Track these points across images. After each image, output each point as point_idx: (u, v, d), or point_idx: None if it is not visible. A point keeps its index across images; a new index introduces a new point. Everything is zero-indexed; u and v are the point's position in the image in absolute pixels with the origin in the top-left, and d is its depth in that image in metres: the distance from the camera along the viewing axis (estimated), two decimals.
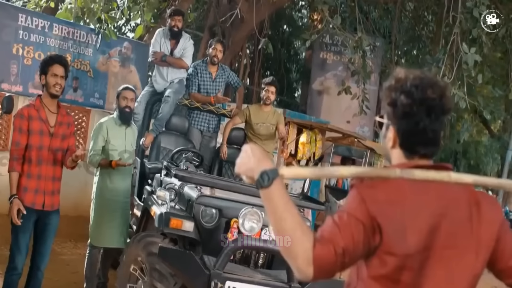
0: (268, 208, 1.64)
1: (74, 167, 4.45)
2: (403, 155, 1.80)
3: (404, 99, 1.75)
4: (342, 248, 1.60)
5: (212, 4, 11.59)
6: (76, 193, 7.10)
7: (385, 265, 1.67)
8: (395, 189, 1.69)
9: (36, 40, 7.38)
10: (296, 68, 18.31)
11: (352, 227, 1.63)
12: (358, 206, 1.66)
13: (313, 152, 10.28)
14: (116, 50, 8.34)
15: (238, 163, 1.71)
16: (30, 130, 4.23)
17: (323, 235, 1.62)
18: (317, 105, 14.24)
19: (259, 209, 4.47)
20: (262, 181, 1.61)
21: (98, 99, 8.04)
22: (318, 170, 1.70)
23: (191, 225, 4.42)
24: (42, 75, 4.31)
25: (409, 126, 1.76)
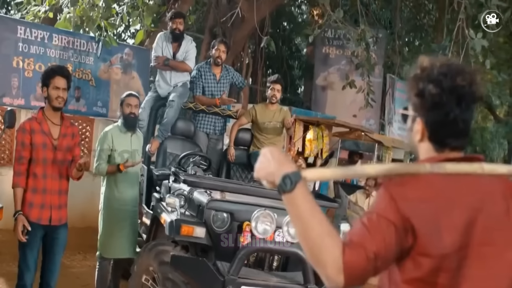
0: (292, 214, 1.55)
1: (80, 177, 4.36)
2: (432, 149, 1.70)
3: (433, 88, 1.64)
4: (374, 252, 1.49)
5: (211, 5, 11.54)
6: (83, 204, 7.04)
7: (419, 267, 1.56)
8: (426, 185, 1.59)
9: (36, 52, 7.33)
10: (299, 64, 18.25)
11: (383, 229, 1.53)
12: (388, 206, 1.56)
13: (321, 149, 10.19)
14: (117, 57, 8.28)
15: (257, 168, 1.62)
16: (33, 144, 4.15)
17: (352, 239, 1.51)
18: (321, 100, 14.14)
19: (272, 211, 4.38)
20: (285, 186, 1.52)
21: (101, 108, 7.98)
22: (342, 170, 1.60)
23: (203, 231, 4.34)
24: (44, 87, 4.23)
25: (439, 117, 1.65)
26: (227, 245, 4.39)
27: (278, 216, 4.38)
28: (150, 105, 6.54)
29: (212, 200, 4.45)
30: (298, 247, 4.38)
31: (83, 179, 4.48)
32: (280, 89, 6.50)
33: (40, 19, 8.20)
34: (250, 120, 6.58)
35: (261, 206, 4.41)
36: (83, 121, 7.72)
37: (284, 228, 4.41)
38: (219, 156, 6.70)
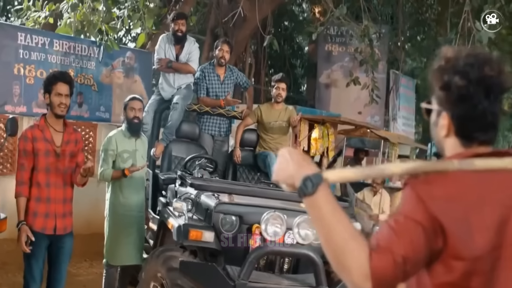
0: (314, 218, 1.47)
1: (85, 184, 4.28)
2: (459, 144, 1.60)
3: (459, 80, 1.54)
4: (402, 256, 1.40)
5: (212, 6, 11.48)
6: (87, 211, 6.96)
7: (451, 271, 1.46)
8: (455, 183, 1.49)
9: (37, 58, 7.27)
10: (301, 63, 18.17)
11: (411, 231, 1.43)
12: (415, 206, 1.46)
13: (326, 147, 10.14)
14: (119, 61, 8.22)
15: (275, 170, 1.54)
16: (35, 152, 4.07)
17: (379, 243, 1.42)
18: (325, 98, 14.09)
19: (282, 212, 4.30)
20: (306, 188, 1.44)
21: (104, 113, 7.92)
22: (365, 170, 1.51)
23: (211, 235, 4.25)
24: (46, 94, 4.15)
25: (466, 110, 1.55)
26: (236, 249, 4.31)
27: (288, 218, 4.30)
28: (154, 108, 6.47)
29: (220, 203, 4.36)
30: (309, 248, 4.32)
31: (88, 185, 4.39)
32: (285, 87, 6.42)
33: (40, 25, 8.13)
34: (255, 120, 6.52)
35: (270, 208, 4.33)
36: (86, 127, 7.65)
37: (294, 230, 4.33)
38: (225, 158, 6.63)
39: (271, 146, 6.44)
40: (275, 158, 6.29)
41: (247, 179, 6.51)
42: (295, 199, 4.88)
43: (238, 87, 7.33)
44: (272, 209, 4.29)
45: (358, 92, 12.32)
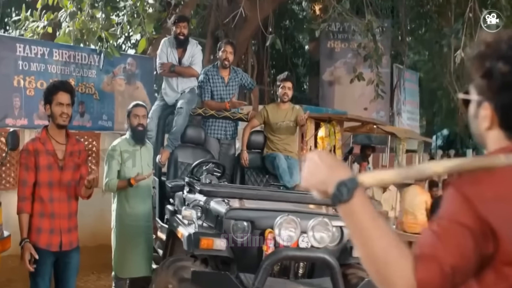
0: (351, 227, 1.33)
1: (90, 196, 4.13)
2: (504, 137, 1.44)
3: (503, 66, 1.39)
4: (450, 265, 1.25)
5: (212, 8, 11.40)
6: (93, 222, 6.82)
7: (504, 279, 1.31)
8: (503, 181, 1.33)
9: (37, 69, 7.15)
10: (303, 62, 18.09)
11: (458, 236, 1.28)
12: (461, 208, 1.30)
13: (333, 145, 10.04)
14: (120, 67, 8.11)
15: (304, 176, 1.39)
16: (37, 166, 3.92)
17: (423, 252, 1.27)
18: (329, 96, 14.03)
19: (295, 216, 4.16)
20: (340, 195, 1.30)
21: (107, 121, 7.81)
22: (404, 170, 1.36)
23: (223, 242, 4.12)
24: (47, 104, 4.01)
25: (511, 99, 1.41)
26: (249, 256, 4.19)
27: (302, 221, 4.17)
28: (158, 114, 6.36)
29: (231, 209, 4.23)
30: (324, 251, 4.20)
31: (92, 196, 4.25)
32: (291, 86, 6.30)
33: (39, 35, 8.06)
34: (262, 121, 6.39)
35: (283, 212, 4.19)
36: (88, 137, 7.53)
37: (309, 233, 4.20)
38: (232, 161, 6.51)
39: (279, 147, 6.32)
40: (283, 159, 6.18)
41: (255, 182, 6.39)
42: (308, 201, 4.77)
43: (242, 89, 7.21)
44: (285, 213, 4.16)
45: (363, 88, 12.35)
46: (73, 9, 7.77)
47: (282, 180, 6.09)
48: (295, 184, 6.20)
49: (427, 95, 18.83)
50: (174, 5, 9.45)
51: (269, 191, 4.84)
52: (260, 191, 4.84)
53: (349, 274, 4.55)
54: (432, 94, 19.13)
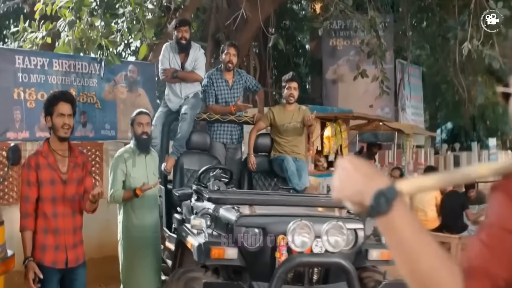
0: (392, 242, 1.18)
1: (95, 210, 3.99)
2: None
3: None
4: (504, 279, 1.11)
5: (212, 11, 11.32)
6: (98, 234, 6.69)
7: None
8: None
9: (37, 80, 7.03)
10: (304, 61, 17.99)
11: (510, 245, 1.13)
12: None
13: (340, 145, 9.95)
14: (121, 75, 7.98)
15: (336, 186, 1.25)
16: (40, 181, 3.79)
17: (473, 265, 1.13)
18: (333, 95, 13.92)
19: (308, 220, 4.02)
20: (378, 206, 1.16)
21: (109, 130, 7.68)
22: (447, 175, 1.21)
23: (235, 251, 4.00)
24: (47, 116, 3.88)
25: None
26: (262, 264, 4.06)
27: (315, 225, 4.03)
28: (162, 121, 6.26)
29: (241, 216, 4.11)
30: (339, 256, 4.06)
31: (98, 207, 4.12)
32: (296, 87, 6.20)
33: (38, 46, 7.95)
34: (268, 124, 6.30)
35: (295, 216, 4.06)
36: (91, 147, 7.40)
37: (323, 238, 4.07)
38: (238, 166, 6.41)
39: (286, 149, 6.22)
40: (291, 161, 6.07)
41: (263, 186, 6.29)
42: (320, 204, 4.64)
43: (246, 91, 7.09)
44: (298, 218, 4.03)
45: (366, 85, 12.25)
46: (72, 18, 7.68)
47: (291, 183, 5.99)
48: (304, 186, 6.10)
49: (430, 89, 18.71)
50: (174, 9, 9.36)
51: (280, 196, 4.72)
52: (271, 196, 4.72)
53: (365, 277, 4.44)
54: (435, 88, 19.01)
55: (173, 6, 9.17)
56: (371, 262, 4.44)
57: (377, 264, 4.53)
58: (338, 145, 9.89)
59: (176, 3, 8.93)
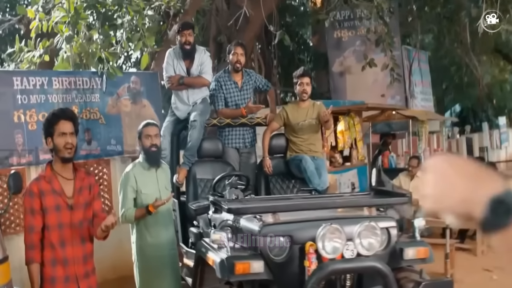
0: None
1: (107, 237, 3.69)
2: None
3: None
4: None
5: (212, 13, 11.10)
6: (112, 253, 6.39)
7: None
8: None
9: (37, 101, 6.74)
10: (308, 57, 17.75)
11: None
12: None
13: (354, 138, 9.70)
14: (124, 87, 7.71)
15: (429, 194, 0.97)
16: (44, 209, 3.51)
17: None
18: (341, 87, 13.66)
19: (338, 223, 3.75)
20: (497, 218, 0.88)
21: (116, 145, 7.39)
22: None
23: (261, 264, 3.73)
24: (48, 137, 3.61)
25: None
26: (291, 275, 3.80)
27: (346, 228, 3.75)
28: (170, 131, 6.02)
29: (264, 225, 3.84)
30: (374, 259, 3.78)
31: None
32: (309, 82, 5.96)
33: (36, 65, 7.68)
34: (282, 123, 6.05)
35: (324, 220, 3.79)
36: (98, 164, 7.14)
37: (355, 241, 3.79)
38: (254, 171, 6.17)
39: (303, 148, 5.96)
40: (310, 160, 5.80)
41: (281, 190, 6.03)
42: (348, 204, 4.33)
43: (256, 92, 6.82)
44: (327, 221, 3.76)
45: (375, 75, 12.04)
46: (69, 33, 7.40)
47: (312, 183, 5.73)
48: (326, 186, 5.83)
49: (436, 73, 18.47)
50: (174, 15, 9.15)
51: (304, 199, 4.43)
52: (294, 200, 4.42)
53: (401, 278, 4.15)
54: (441, 72, 18.73)
55: (172, 12, 8.96)
56: (407, 262, 4.15)
57: (413, 263, 4.24)
58: (352, 139, 9.69)
59: (176, 8, 8.71)
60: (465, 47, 11.85)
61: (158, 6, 8.51)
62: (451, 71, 18.56)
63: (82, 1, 7.52)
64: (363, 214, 4.18)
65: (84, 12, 7.51)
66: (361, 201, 4.40)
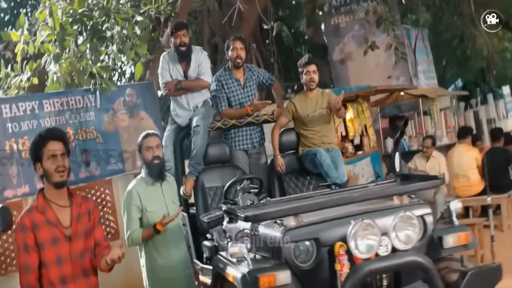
0: None
1: (112, 269, 3.32)
2: None
3: None
4: None
5: (204, 15, 10.94)
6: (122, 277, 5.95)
7: None
8: None
9: (29, 127, 6.39)
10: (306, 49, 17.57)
11: None
12: None
13: (364, 125, 9.39)
14: (120, 101, 7.38)
15: None
16: (39, 243, 3.15)
17: None
18: (343, 75, 13.39)
19: (370, 217, 3.40)
20: None
21: (116, 164, 7.06)
22: None
23: (287, 274, 3.39)
24: (37, 163, 3.27)
25: None
26: (321, 281, 3.49)
27: (379, 221, 3.40)
28: (172, 140, 5.73)
29: (287, 230, 3.51)
30: (414, 253, 3.43)
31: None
32: (315, 69, 5.63)
33: (25, 89, 7.37)
34: (290, 117, 5.75)
35: (353, 216, 3.46)
36: (100, 186, 6.82)
37: (391, 235, 3.43)
38: (265, 171, 5.87)
39: (315, 141, 5.63)
40: (324, 153, 5.51)
41: (296, 188, 5.72)
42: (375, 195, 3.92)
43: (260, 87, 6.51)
44: (357, 217, 3.42)
45: (377, 58, 11.89)
46: (57, 51, 7.18)
47: (329, 177, 5.41)
48: (345, 179, 5.48)
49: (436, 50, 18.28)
50: (165, 20, 8.95)
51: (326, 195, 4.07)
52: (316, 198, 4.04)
53: (442, 269, 3.80)
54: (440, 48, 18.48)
55: (163, 17, 8.79)
56: (447, 251, 3.80)
57: (454, 251, 3.86)
58: (362, 126, 9.30)
59: (166, 12, 8.52)
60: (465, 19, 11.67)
61: (148, 12, 8.34)
62: (452, 45, 18.30)
63: (67, 16, 7.30)
64: (395, 204, 3.80)
65: (70, 27, 7.29)
66: (394, 190, 3.99)
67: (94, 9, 7.71)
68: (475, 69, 19.83)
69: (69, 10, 7.36)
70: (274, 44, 12.18)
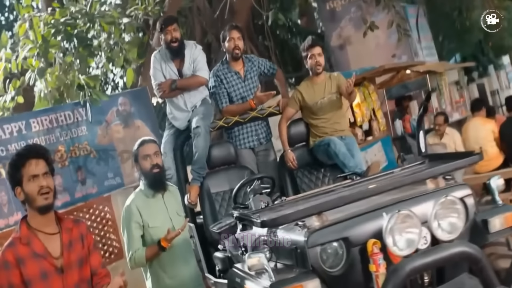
0: None
1: None
2: None
3: None
4: None
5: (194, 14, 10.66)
6: None
7: None
8: None
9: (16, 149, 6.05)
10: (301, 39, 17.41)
11: None
12: None
13: (372, 109, 9.07)
14: (113, 112, 7.08)
15: None
16: (26, 281, 2.75)
17: None
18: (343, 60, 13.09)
19: (406, 206, 3.01)
20: None
21: (114, 178, 6.76)
22: None
23: (316, 283, 3.00)
24: (16, 187, 2.84)
25: None
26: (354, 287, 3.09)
27: (418, 210, 2.98)
28: (171, 146, 5.35)
29: (311, 232, 3.09)
30: (461, 242, 3.00)
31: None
32: (320, 52, 5.25)
33: (9, 110, 7.14)
34: (298, 107, 5.35)
35: (386, 207, 3.08)
36: (98, 204, 6.52)
37: (433, 224, 2.98)
38: (275, 168, 5.49)
39: (327, 130, 5.24)
40: (339, 142, 5.13)
41: (311, 183, 5.32)
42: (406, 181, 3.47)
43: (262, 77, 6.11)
44: (390, 207, 3.04)
45: (376, 39, 11.69)
46: (41, 65, 6.88)
47: (347, 167, 4.99)
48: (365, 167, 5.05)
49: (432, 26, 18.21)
50: (154, 22, 8.59)
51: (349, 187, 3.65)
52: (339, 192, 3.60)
53: (488, 256, 3.31)
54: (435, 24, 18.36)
55: (152, 19, 8.48)
56: (494, 235, 3.36)
57: (502, 234, 3.43)
58: (370, 110, 8.99)
59: (154, 13, 8.25)
60: None
61: (136, 14, 8.13)
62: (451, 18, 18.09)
63: (49, 27, 7.02)
64: (432, 188, 3.34)
65: (54, 38, 7.01)
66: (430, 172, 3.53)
67: (77, 17, 7.45)
68: (473, 42, 19.63)
69: (50, 20, 7.10)
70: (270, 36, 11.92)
